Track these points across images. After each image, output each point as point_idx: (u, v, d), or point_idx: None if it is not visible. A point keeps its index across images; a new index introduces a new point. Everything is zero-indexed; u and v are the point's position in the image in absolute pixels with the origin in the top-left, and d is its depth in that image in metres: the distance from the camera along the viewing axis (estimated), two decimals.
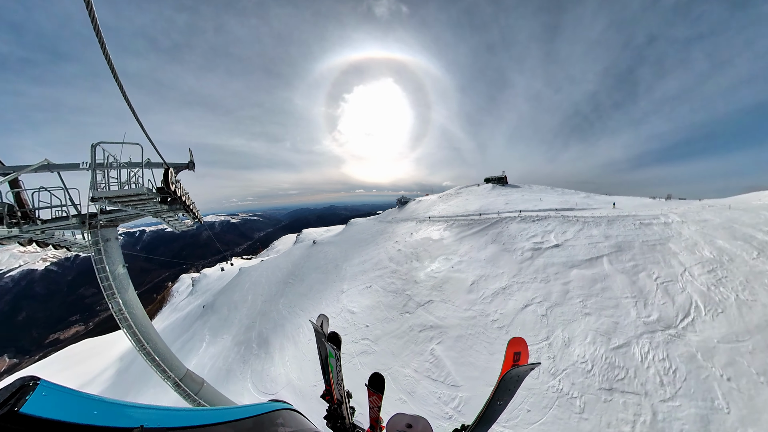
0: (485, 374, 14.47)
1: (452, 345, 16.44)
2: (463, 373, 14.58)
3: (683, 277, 17.26)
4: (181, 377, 7.04)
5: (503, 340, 16.04)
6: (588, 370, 13.82)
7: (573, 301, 17.38)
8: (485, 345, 16.08)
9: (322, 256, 36.46)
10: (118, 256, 6.05)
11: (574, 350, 14.78)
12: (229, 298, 35.69)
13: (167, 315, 60.96)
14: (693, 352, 13.55)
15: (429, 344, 16.95)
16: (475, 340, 16.51)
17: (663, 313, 15.56)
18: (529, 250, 22.63)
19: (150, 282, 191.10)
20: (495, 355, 15.30)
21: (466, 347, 16.15)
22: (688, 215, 22.21)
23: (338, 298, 27.69)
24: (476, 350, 15.90)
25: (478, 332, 17.02)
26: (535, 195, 40.17)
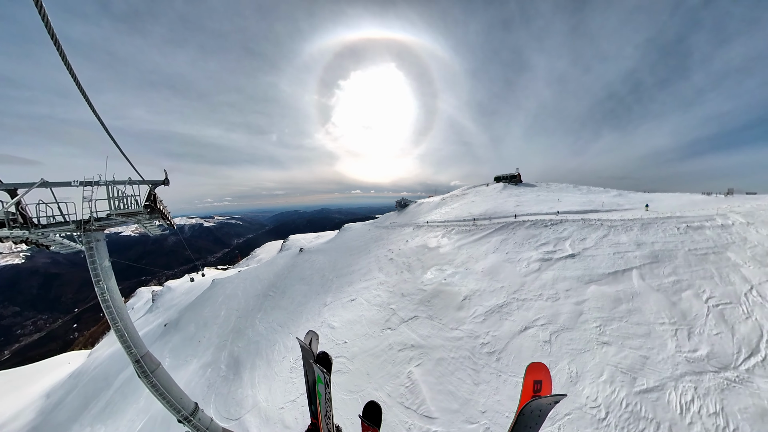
0: (466, 408, 12.20)
1: (432, 369, 14.46)
2: (439, 403, 12.73)
3: (749, 299, 13.24)
4: (142, 355, 8.52)
5: (492, 369, 13.46)
6: (601, 418, 10.43)
7: (587, 325, 13.85)
8: (469, 372, 13.65)
9: (309, 265, 34.61)
10: (104, 253, 8.01)
11: (582, 389, 11.42)
12: (198, 314, 33.73)
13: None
14: (765, 407, 9.71)
15: (407, 366, 15.14)
16: (459, 366, 14.15)
17: (717, 348, 11.72)
18: (537, 261, 19.21)
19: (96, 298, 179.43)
20: (480, 385, 12.83)
21: (446, 373, 13.97)
22: (757, 215, 17.81)
23: (320, 311, 25.91)
24: (458, 377, 13.60)
25: (464, 356, 14.56)
26: (552, 195, 36.06)
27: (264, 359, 23.49)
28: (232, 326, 29.26)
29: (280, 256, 43.68)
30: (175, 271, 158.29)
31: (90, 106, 3.63)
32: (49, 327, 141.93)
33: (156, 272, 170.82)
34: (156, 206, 8.73)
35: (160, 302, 55.00)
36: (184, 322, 33.26)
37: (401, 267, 26.71)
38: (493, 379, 12.94)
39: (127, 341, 8.21)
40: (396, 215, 46.62)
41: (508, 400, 12.02)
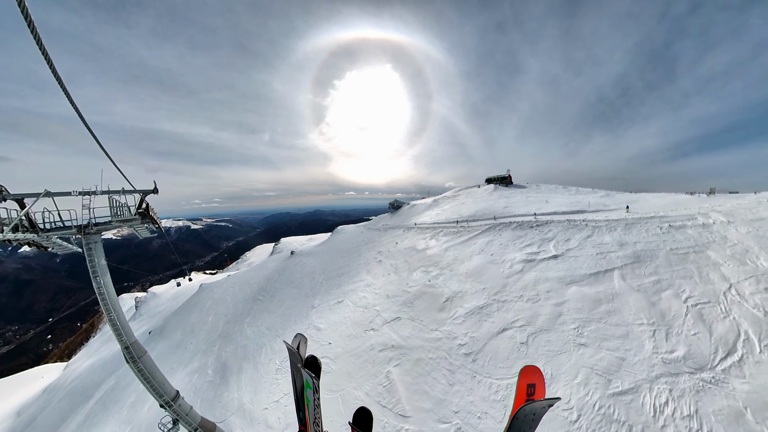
0: (439, 407, 12.15)
1: (409, 369, 14.44)
2: (414, 403, 12.72)
3: (727, 297, 12.98)
4: (131, 342, 9.46)
5: (467, 370, 13.30)
6: (572, 420, 10.18)
7: (565, 326, 13.56)
8: (445, 373, 13.57)
9: (299, 269, 34.29)
10: (101, 252, 9.12)
11: (556, 391, 11.18)
12: (185, 320, 32.82)
13: (96, 348, 47.97)
14: (739, 409, 9.44)
15: (386, 366, 15.13)
16: (435, 366, 14.10)
17: (694, 348, 11.45)
18: (520, 262, 18.95)
19: (73, 306, 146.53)
20: (455, 386, 12.77)
21: (423, 373, 13.94)
22: (738, 213, 17.57)
23: (307, 314, 25.82)
24: (433, 378, 13.55)
25: (441, 357, 14.47)
26: (541, 196, 35.86)
27: (251, 362, 23.29)
28: (220, 331, 28.82)
29: (271, 260, 42.87)
30: (160, 276, 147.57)
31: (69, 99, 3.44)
32: (19, 339, 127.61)
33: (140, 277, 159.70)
34: (148, 213, 10.15)
35: (144, 309, 52.10)
36: (169, 329, 32.42)
37: (388, 269, 26.45)
38: (468, 380, 12.77)
39: (118, 329, 9.29)
40: (389, 217, 46.34)
41: (481, 401, 11.80)
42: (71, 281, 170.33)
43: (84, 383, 31.85)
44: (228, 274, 60.20)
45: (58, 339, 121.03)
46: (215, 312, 31.18)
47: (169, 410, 10.16)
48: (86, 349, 52.23)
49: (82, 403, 28.10)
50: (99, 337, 57.36)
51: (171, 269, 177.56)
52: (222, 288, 35.62)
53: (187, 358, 26.79)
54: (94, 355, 43.44)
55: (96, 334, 62.66)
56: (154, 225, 10.86)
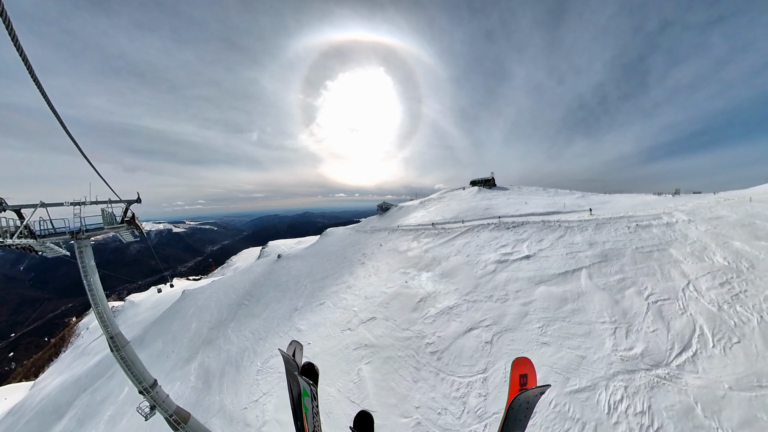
0: (402, 403, 12.35)
1: (379, 366, 14.60)
2: (380, 398, 12.91)
3: (685, 294, 13.05)
4: (115, 333, 10.39)
5: (432, 368, 13.36)
6: None
7: (530, 326, 13.51)
8: (411, 371, 13.68)
9: (285, 272, 33.92)
10: (90, 255, 10.15)
11: None
12: (166, 328, 31.67)
13: (68, 364, 43.43)
14: (690, 404, 9.45)
15: (358, 363, 15.28)
16: (403, 364, 14.21)
17: (651, 345, 11.48)
18: (494, 263, 18.93)
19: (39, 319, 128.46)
20: (419, 383, 12.91)
21: (391, 370, 14.09)
22: (698, 212, 17.78)
23: (290, 316, 25.67)
24: (400, 375, 13.69)
25: (409, 355, 14.56)
26: (522, 198, 36.09)
27: (233, 366, 22.99)
28: (203, 338, 28.24)
29: (258, 264, 42.10)
30: (138, 284, 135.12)
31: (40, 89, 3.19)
32: None
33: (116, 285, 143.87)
34: (134, 220, 11.27)
35: (121, 319, 48.31)
36: (150, 338, 31.38)
37: (370, 271, 26.30)
38: (431, 377, 12.82)
39: (105, 321, 10.35)
40: (377, 219, 46.15)
41: (442, 397, 11.83)
42: (36, 291, 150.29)
43: (55, 401, 29.84)
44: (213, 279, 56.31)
45: (22, 356, 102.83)
46: (199, 318, 30.52)
47: (147, 396, 10.98)
48: (56, 366, 47.17)
49: (55, 422, 26.43)
50: (70, 351, 51.51)
51: (151, 276, 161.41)
52: (206, 294, 34.80)
53: (168, 367, 26.19)
54: (66, 371, 39.90)
55: (67, 348, 54.83)
56: (137, 230, 11.80)
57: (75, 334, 59.31)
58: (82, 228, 9.89)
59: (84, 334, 56.77)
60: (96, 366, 32.94)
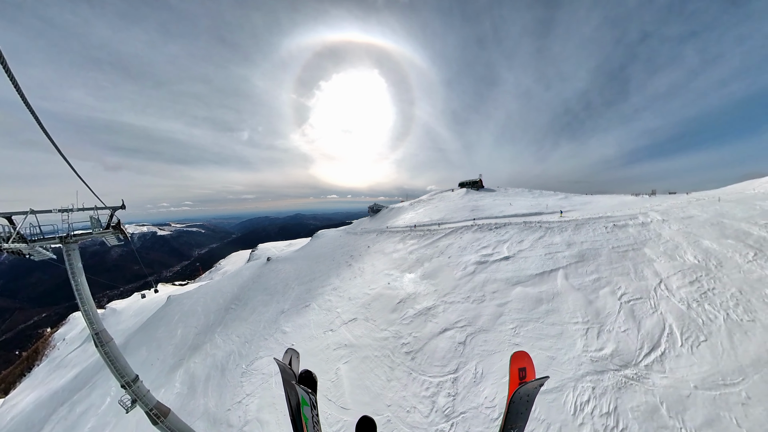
0: (375, 401, 12.41)
1: (356, 366, 14.68)
2: (355, 397, 13.02)
3: (657, 293, 12.95)
4: (100, 330, 11.00)
5: (405, 367, 13.34)
6: (493, 418, 9.96)
7: (504, 327, 13.34)
8: (386, 370, 13.69)
9: (274, 275, 33.54)
10: (78, 258, 10.77)
11: (483, 389, 10.96)
12: (151, 335, 30.60)
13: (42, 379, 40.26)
14: (656, 404, 9.29)
15: (337, 363, 15.34)
16: (378, 363, 14.23)
17: (622, 345, 11.33)
18: (474, 264, 18.78)
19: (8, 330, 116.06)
20: (392, 382, 12.97)
21: (367, 370, 14.14)
22: (672, 212, 17.77)
23: (276, 319, 25.41)
24: (375, 374, 13.69)
25: (385, 355, 14.54)
26: (507, 199, 36.07)
27: (219, 369, 22.66)
28: (190, 344, 27.62)
29: (247, 267, 41.27)
30: (120, 291, 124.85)
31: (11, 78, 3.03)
32: None
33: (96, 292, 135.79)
34: (119, 226, 11.78)
35: None
36: (133, 346, 30.30)
37: (356, 273, 26.07)
38: (404, 377, 12.75)
39: (90, 319, 10.97)
40: (369, 220, 45.89)
41: (412, 396, 11.77)
42: (6, 300, 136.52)
43: (29, 418, 28.31)
44: (200, 284, 53.28)
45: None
46: (185, 324, 29.86)
47: (128, 390, 11.63)
48: (29, 381, 43.09)
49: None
50: (45, 365, 46.53)
51: (134, 281, 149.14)
52: (192, 299, 33.95)
53: (153, 375, 25.59)
54: (40, 386, 36.74)
55: (41, 361, 49.95)
56: (122, 235, 12.20)
57: (50, 345, 53.86)
58: (70, 233, 10.53)
59: (60, 345, 52.48)
60: (74, 379, 31.44)
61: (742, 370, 9.44)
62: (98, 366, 30.74)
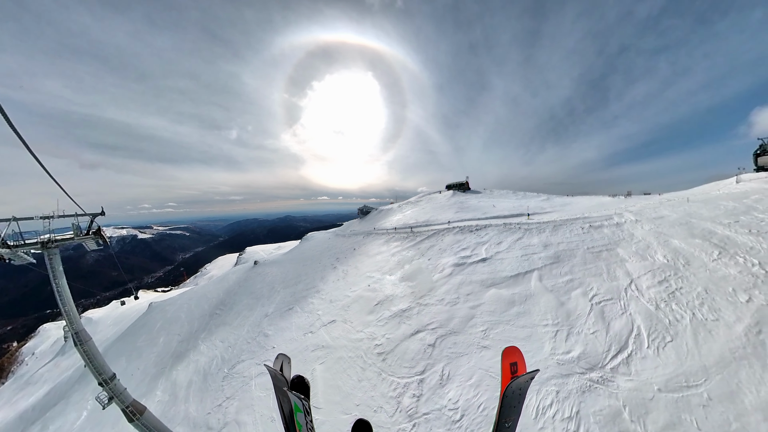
0: (345, 400, 12.42)
1: (331, 366, 14.62)
2: (327, 396, 13.09)
3: (627, 293, 12.70)
4: (79, 330, 11.49)
5: (376, 368, 13.25)
6: (455, 420, 9.66)
7: (474, 329, 13.04)
8: (358, 370, 13.63)
9: (261, 279, 33.05)
10: (59, 262, 11.23)
11: (448, 391, 10.70)
12: (131, 344, 29.23)
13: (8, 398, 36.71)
14: (618, 408, 8.99)
15: (314, 364, 15.40)
16: (351, 364, 14.20)
17: (589, 348, 11.04)
18: (451, 266, 18.51)
19: None
20: (362, 382, 12.93)
21: (340, 370, 14.16)
22: (644, 213, 17.63)
23: (260, 323, 25.07)
24: (347, 374, 13.68)
25: (358, 356, 14.49)
26: (491, 201, 35.94)
27: (201, 374, 22.22)
28: (172, 351, 26.76)
29: (234, 271, 40.10)
30: (96, 299, 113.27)
31: None
32: None
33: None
34: (99, 232, 12.19)
35: None
36: (111, 356, 28.81)
37: (339, 275, 25.72)
38: (374, 377, 12.65)
39: (71, 320, 11.35)
40: (358, 222, 45.45)
41: (380, 396, 11.68)
42: None
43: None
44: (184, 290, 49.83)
45: None
46: (167, 332, 28.91)
47: (105, 388, 11.83)
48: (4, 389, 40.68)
49: None
50: (11, 383, 41.99)
51: (112, 289, 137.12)
52: (176, 305, 32.85)
53: (133, 385, 24.78)
54: (6, 407, 33.87)
55: (6, 379, 44.78)
56: (102, 240, 12.51)
57: (17, 361, 48.36)
58: (51, 238, 10.96)
59: (29, 360, 47.66)
60: (46, 396, 29.70)
61: (706, 370, 9.18)
62: (72, 380, 29.47)
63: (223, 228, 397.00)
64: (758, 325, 9.47)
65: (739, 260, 11.45)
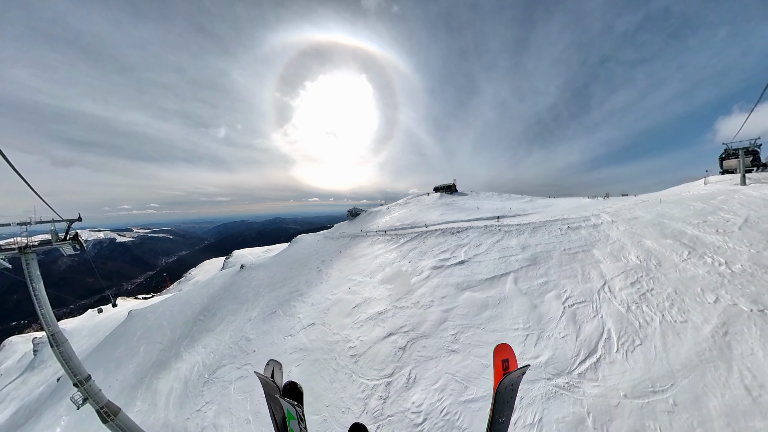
0: (316, 401, 12.34)
1: (306, 368, 14.64)
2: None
3: (600, 296, 12.34)
4: (56, 332, 11.78)
5: (347, 370, 13.09)
6: (417, 423, 9.35)
7: (445, 333, 12.63)
8: (330, 372, 13.52)
9: (246, 283, 32.43)
10: (36, 266, 11.44)
11: (412, 395, 10.40)
12: (109, 355, 27.77)
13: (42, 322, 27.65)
14: (582, 415, 8.58)
15: (291, 366, 15.36)
16: (325, 366, 14.08)
17: (558, 353, 10.64)
18: (430, 269, 18.13)
19: None
20: (333, 384, 12.82)
21: (314, 372, 14.10)
22: (620, 213, 17.36)
23: (242, 327, 24.57)
24: (320, 376, 13.60)
25: (332, 358, 14.34)
26: (476, 203, 35.66)
27: (181, 382, 21.59)
28: (153, 361, 25.67)
29: (219, 276, 39.33)
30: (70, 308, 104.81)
31: None
32: None
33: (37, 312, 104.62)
34: (77, 238, 12.27)
35: (46, 352, 37.08)
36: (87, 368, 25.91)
37: (323, 278, 25.26)
38: (345, 379, 12.51)
39: (48, 322, 11.49)
40: (347, 225, 44.87)
41: (349, 398, 11.57)
42: None
43: None
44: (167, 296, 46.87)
45: None
46: (148, 340, 27.68)
47: (80, 388, 12.01)
48: None
49: None
50: None
51: (88, 297, 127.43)
52: (157, 313, 31.55)
53: (111, 397, 23.67)
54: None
55: None
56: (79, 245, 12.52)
57: None
58: (28, 243, 11.16)
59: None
60: (14, 415, 28.15)
61: (673, 375, 8.80)
62: (44, 396, 28.05)
63: (209, 230, 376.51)
64: (725, 326, 9.12)
65: (707, 260, 11.14)
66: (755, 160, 21.55)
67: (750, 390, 7.70)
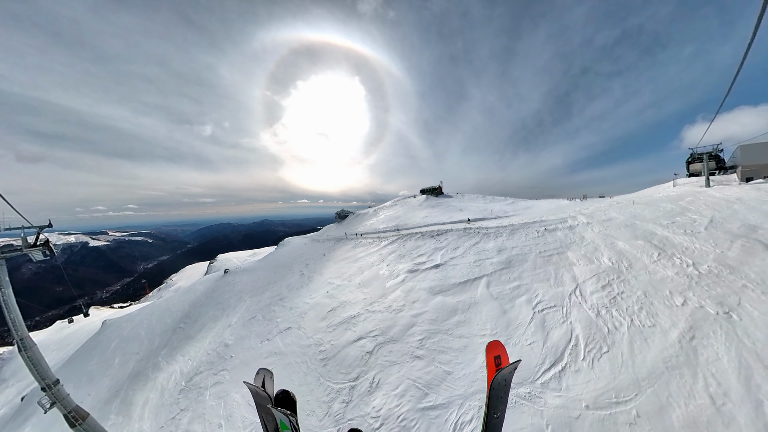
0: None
1: (279, 372, 14.41)
2: None
3: (571, 300, 11.80)
4: (24, 336, 11.77)
5: (316, 373, 12.80)
6: (375, 428, 8.92)
7: (412, 338, 12.04)
8: (300, 375, 13.28)
9: (229, 288, 31.58)
10: (5, 272, 11.55)
11: (374, 399, 10.02)
12: (80, 369, 25.84)
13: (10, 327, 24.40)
14: (541, 426, 8.01)
15: None
16: (295, 369, 13.85)
17: (524, 361, 10.04)
18: (405, 273, 17.58)
19: None
20: (302, 386, 12.60)
21: (285, 375, 13.96)
22: (595, 215, 16.94)
23: (222, 333, 23.82)
24: (291, 379, 13.49)
25: (303, 361, 14.04)
26: (459, 204, 35.18)
27: (158, 391, 20.70)
28: (129, 372, 24.21)
29: (202, 281, 37.24)
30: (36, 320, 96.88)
31: None
32: None
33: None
34: (47, 244, 12.19)
35: (10, 369, 34.85)
36: None
37: (304, 282, 24.61)
38: (313, 382, 12.25)
39: (17, 327, 11.44)
40: (335, 227, 44.15)
41: (314, 401, 11.39)
42: None
43: None
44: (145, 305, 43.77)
45: None
46: (124, 351, 25.90)
47: (48, 393, 11.77)
48: None
49: None
50: None
51: (56, 307, 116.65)
52: (134, 322, 29.84)
53: None
54: None
55: None
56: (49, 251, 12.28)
57: None
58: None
59: None
60: None
61: (638, 383, 8.24)
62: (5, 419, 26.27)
63: (192, 233, 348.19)
64: (691, 330, 8.60)
65: (676, 261, 10.67)
66: (718, 163, 23.25)
67: (714, 399, 7.16)
